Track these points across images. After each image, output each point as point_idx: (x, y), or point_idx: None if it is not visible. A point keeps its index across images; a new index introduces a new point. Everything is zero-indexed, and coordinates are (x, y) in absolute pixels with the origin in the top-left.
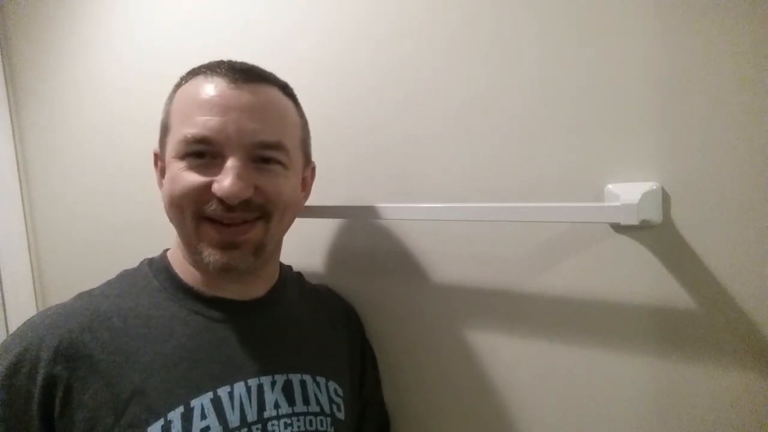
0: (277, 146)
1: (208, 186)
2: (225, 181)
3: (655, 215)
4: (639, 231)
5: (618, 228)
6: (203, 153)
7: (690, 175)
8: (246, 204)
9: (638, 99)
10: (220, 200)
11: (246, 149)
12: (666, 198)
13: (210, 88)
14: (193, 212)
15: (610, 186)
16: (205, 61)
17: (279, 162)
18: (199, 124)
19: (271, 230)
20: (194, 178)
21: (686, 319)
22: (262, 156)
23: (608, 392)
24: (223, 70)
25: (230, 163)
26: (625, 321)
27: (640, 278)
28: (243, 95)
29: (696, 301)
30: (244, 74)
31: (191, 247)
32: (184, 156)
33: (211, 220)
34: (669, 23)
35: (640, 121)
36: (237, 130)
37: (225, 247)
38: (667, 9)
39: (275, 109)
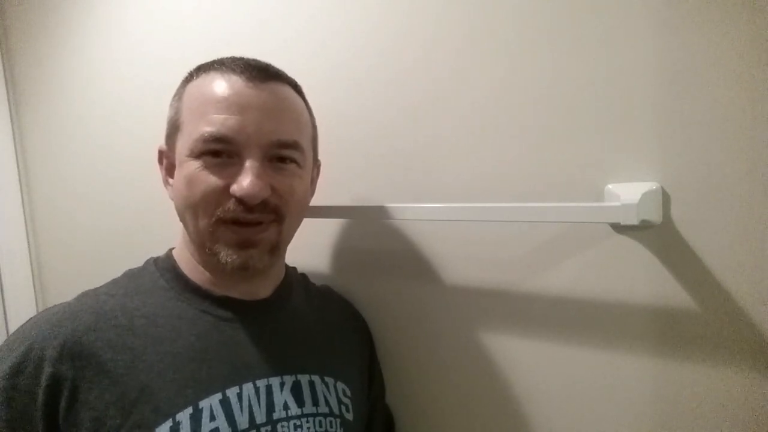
0: (294, 146)
1: (226, 188)
2: (244, 181)
3: (655, 215)
4: (639, 231)
5: (618, 228)
6: (220, 152)
7: (690, 175)
8: (263, 205)
9: (638, 99)
10: (239, 201)
11: (263, 149)
12: (666, 198)
13: (226, 85)
14: (211, 214)
15: (610, 186)
16: None
17: (294, 161)
18: (217, 123)
19: (284, 232)
20: (212, 180)
21: (686, 319)
22: (279, 155)
23: (608, 392)
24: (238, 67)
25: (249, 163)
26: (625, 321)
27: (640, 278)
28: (261, 94)
29: (696, 301)
30: (260, 72)
31: (205, 248)
32: (199, 155)
33: (227, 222)
34: (669, 23)
35: (640, 121)
36: (256, 130)
37: (243, 246)
38: (667, 9)
39: (291, 108)
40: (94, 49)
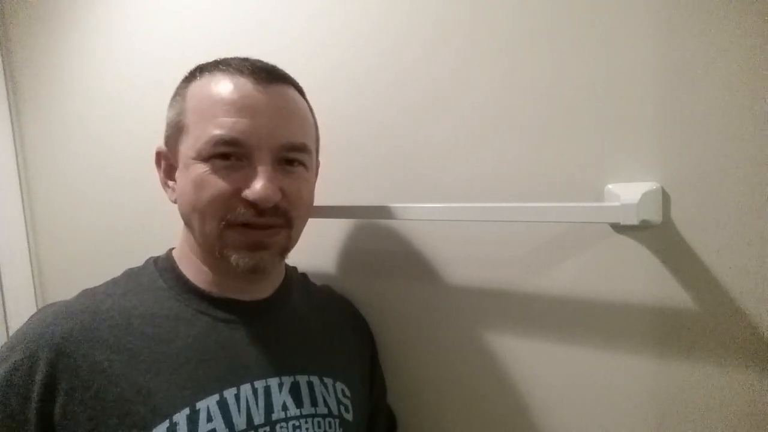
0: (303, 148)
1: (235, 192)
2: (258, 185)
3: (655, 215)
4: (639, 231)
5: (618, 228)
6: (229, 155)
7: (690, 175)
8: (273, 208)
9: (638, 99)
10: (251, 204)
11: (273, 152)
12: (666, 198)
13: (234, 87)
14: (220, 219)
15: (610, 186)
16: None
17: (302, 163)
18: (227, 126)
19: (293, 236)
20: (222, 185)
21: (686, 319)
22: (287, 158)
23: (608, 392)
24: (246, 69)
25: (261, 166)
26: (625, 321)
27: (640, 278)
28: (270, 97)
29: (696, 301)
30: (267, 74)
31: (213, 252)
32: (208, 158)
33: (236, 226)
34: (669, 23)
35: (640, 121)
36: (267, 133)
37: (254, 248)
38: (667, 9)
39: (298, 110)
40: (94, 49)
